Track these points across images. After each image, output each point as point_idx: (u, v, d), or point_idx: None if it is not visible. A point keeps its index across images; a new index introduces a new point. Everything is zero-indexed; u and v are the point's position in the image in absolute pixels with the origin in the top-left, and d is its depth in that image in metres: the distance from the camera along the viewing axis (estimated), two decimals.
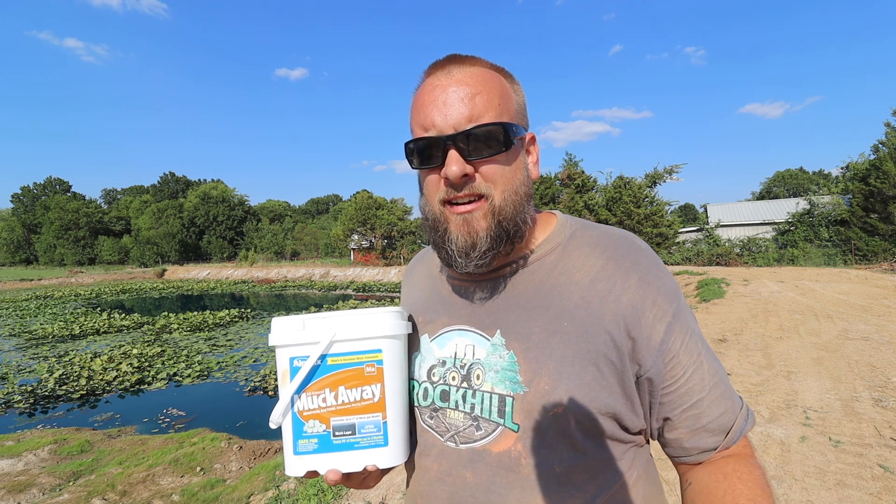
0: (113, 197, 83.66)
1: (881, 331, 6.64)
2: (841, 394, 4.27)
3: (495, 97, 0.63)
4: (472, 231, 0.63)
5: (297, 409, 0.63)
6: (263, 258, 47.49)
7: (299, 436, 0.62)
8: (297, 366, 0.63)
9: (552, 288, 0.65)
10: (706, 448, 0.64)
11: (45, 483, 4.25)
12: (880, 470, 2.92)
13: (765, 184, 59.00)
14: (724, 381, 0.65)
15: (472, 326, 0.68)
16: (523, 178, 0.66)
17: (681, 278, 15.42)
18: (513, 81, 0.69)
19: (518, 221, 0.64)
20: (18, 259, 66.14)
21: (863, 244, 20.22)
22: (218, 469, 4.51)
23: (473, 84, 0.62)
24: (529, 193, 0.66)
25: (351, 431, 0.62)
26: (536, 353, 0.62)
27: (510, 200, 0.63)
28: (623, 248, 0.67)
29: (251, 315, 16.27)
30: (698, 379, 0.63)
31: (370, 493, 3.15)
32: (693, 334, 0.64)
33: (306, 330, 0.63)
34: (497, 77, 0.66)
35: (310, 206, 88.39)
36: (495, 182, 0.63)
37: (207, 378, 8.45)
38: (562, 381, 0.61)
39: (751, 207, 29.51)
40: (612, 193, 26.31)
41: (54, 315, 18.05)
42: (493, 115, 0.62)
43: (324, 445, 0.62)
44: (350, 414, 0.62)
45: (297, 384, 0.62)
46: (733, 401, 0.65)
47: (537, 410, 0.61)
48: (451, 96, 0.61)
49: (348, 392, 0.62)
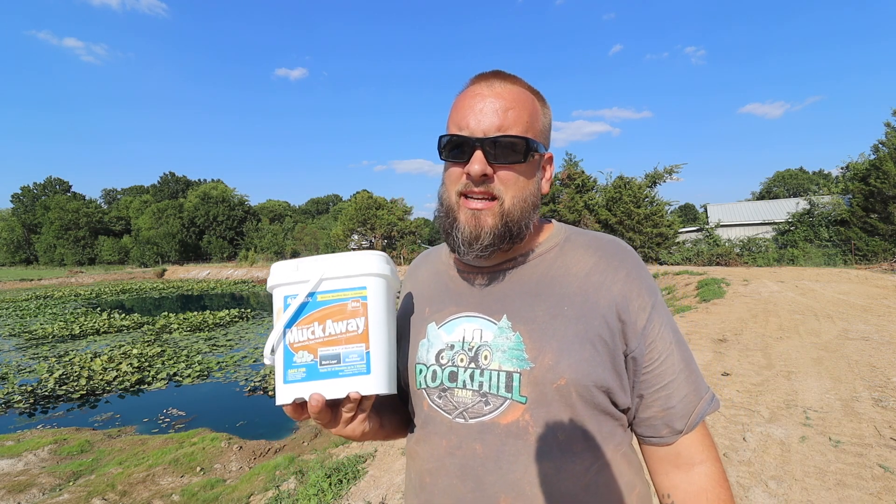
0: (113, 197, 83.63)
1: (881, 331, 6.64)
2: (841, 394, 4.27)
3: (525, 115, 0.72)
4: (479, 225, 0.71)
5: (289, 341, 0.68)
6: (263, 258, 47.50)
7: (289, 366, 0.67)
8: (290, 303, 0.69)
9: (553, 279, 0.74)
10: (676, 429, 0.73)
11: (45, 483, 4.25)
12: (880, 470, 2.91)
13: (765, 184, 58.99)
14: (692, 367, 0.75)
15: (480, 313, 0.76)
16: (534, 189, 0.75)
17: (681, 278, 15.42)
18: (544, 105, 0.78)
19: (521, 225, 0.73)
20: (18, 259, 66.11)
21: (863, 244, 20.21)
22: (218, 469, 4.51)
23: (509, 99, 0.71)
24: (537, 204, 0.76)
25: (336, 360, 0.67)
26: (541, 333, 0.71)
27: (518, 206, 0.72)
28: (611, 248, 0.77)
29: (251, 315, 16.27)
30: (670, 363, 0.72)
31: (370, 493, 3.15)
32: (667, 325, 0.74)
33: (299, 270, 0.69)
34: (531, 98, 0.75)
35: (310, 206, 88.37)
36: (508, 187, 0.71)
37: (207, 378, 8.45)
38: (563, 356, 0.69)
39: (751, 207, 29.51)
40: (612, 193, 26.28)
41: (54, 315, 18.05)
42: (519, 129, 0.71)
43: (311, 374, 0.67)
44: (336, 344, 0.67)
45: (287, 317, 0.67)
46: (698, 385, 0.75)
47: (543, 383, 0.69)
48: (488, 105, 0.71)
49: (335, 325, 0.68)
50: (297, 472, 3.83)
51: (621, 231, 25.11)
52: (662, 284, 15.81)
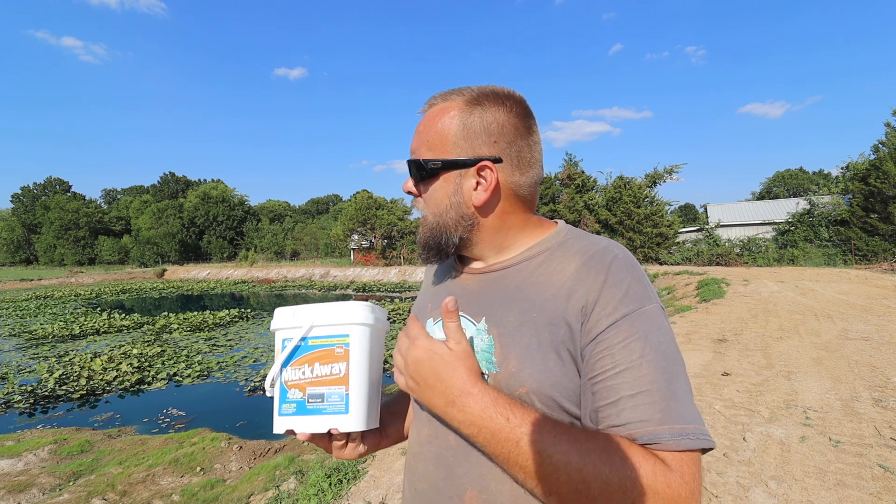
0: (113, 197, 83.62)
1: (881, 331, 6.64)
2: (841, 394, 4.27)
3: (433, 135, 0.75)
4: (419, 236, 0.81)
5: (284, 378, 0.78)
6: (263, 258, 47.49)
7: (283, 400, 0.77)
8: (286, 345, 0.78)
9: (532, 285, 0.74)
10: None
11: (45, 483, 4.25)
12: (880, 470, 2.92)
13: (765, 184, 59.03)
14: (670, 394, 0.60)
15: (466, 313, 0.78)
16: (454, 202, 0.76)
17: (681, 278, 15.42)
18: (471, 111, 0.74)
19: (447, 236, 0.78)
20: (18, 259, 66.09)
21: (863, 244, 20.23)
22: (218, 469, 4.51)
23: (425, 122, 0.77)
24: (464, 214, 0.76)
25: (321, 399, 0.75)
26: (509, 338, 0.71)
27: (439, 220, 0.77)
28: (599, 255, 0.72)
29: (251, 315, 16.27)
30: (629, 378, 0.61)
31: (370, 493, 3.15)
32: (644, 340, 0.63)
33: (295, 317, 0.79)
34: (449, 113, 0.75)
35: (310, 206, 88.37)
36: (428, 204, 0.78)
37: (207, 378, 8.44)
38: (526, 364, 0.68)
39: (751, 207, 29.51)
40: (612, 193, 26.29)
41: (54, 315, 18.05)
42: (423, 150, 0.76)
43: (300, 409, 0.76)
44: (321, 385, 0.76)
45: (283, 358, 0.77)
46: (667, 415, 0.59)
47: (505, 388, 0.69)
48: (416, 129, 0.78)
49: (321, 367, 0.76)
50: (297, 472, 3.83)
51: (621, 231, 25.13)
52: (662, 284, 15.80)
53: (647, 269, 19.98)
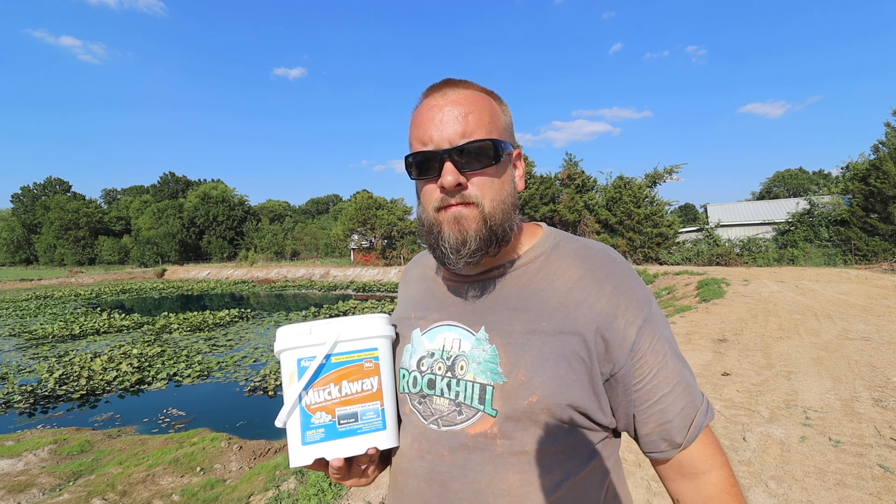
0: (113, 197, 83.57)
1: (881, 331, 6.64)
2: (841, 394, 4.27)
3: (486, 116, 0.70)
4: (463, 230, 0.69)
5: (305, 403, 0.70)
6: (263, 258, 47.47)
7: (307, 427, 0.70)
8: (305, 365, 0.71)
9: (534, 292, 0.72)
10: (676, 443, 0.70)
11: (45, 483, 4.25)
12: (880, 470, 2.92)
13: (765, 184, 59.00)
14: (687, 379, 0.72)
15: (460, 322, 0.76)
16: (510, 189, 0.73)
17: (681, 278, 15.41)
18: (501, 103, 0.76)
19: (505, 227, 0.71)
20: (18, 259, 66.07)
21: (863, 244, 20.21)
22: (218, 469, 4.51)
23: (466, 104, 0.70)
24: (516, 203, 0.74)
25: (354, 419, 0.71)
26: (516, 348, 0.69)
27: (499, 208, 0.70)
28: (599, 260, 0.73)
29: (251, 315, 16.27)
30: (664, 377, 0.70)
31: (370, 493, 3.15)
32: (661, 337, 0.71)
33: (313, 334, 0.72)
34: (487, 99, 0.73)
35: (310, 206, 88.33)
36: (485, 191, 0.70)
37: (207, 378, 8.45)
38: (536, 373, 0.67)
39: (751, 207, 29.49)
40: (612, 193, 26.28)
41: (54, 315, 18.05)
42: (483, 132, 0.69)
43: (330, 433, 0.70)
44: (353, 403, 0.71)
45: (305, 381, 0.70)
46: (694, 397, 0.72)
47: (515, 398, 0.68)
48: (447, 115, 0.69)
49: (351, 385, 0.71)
50: (298, 472, 3.82)
51: (621, 231, 25.13)
52: (662, 284, 15.80)
53: (647, 269, 19.98)
